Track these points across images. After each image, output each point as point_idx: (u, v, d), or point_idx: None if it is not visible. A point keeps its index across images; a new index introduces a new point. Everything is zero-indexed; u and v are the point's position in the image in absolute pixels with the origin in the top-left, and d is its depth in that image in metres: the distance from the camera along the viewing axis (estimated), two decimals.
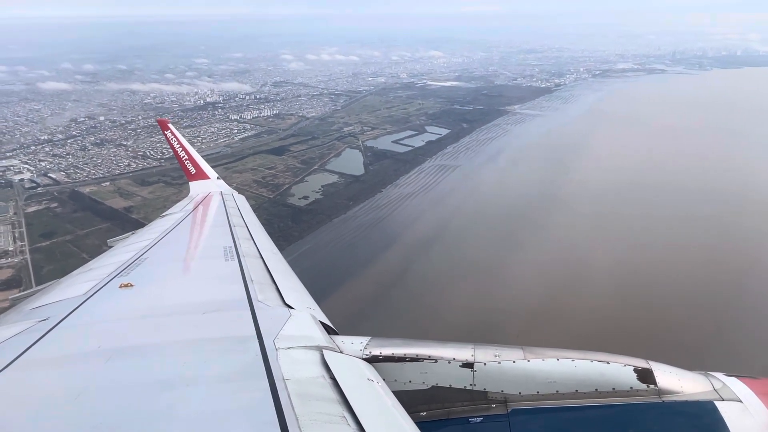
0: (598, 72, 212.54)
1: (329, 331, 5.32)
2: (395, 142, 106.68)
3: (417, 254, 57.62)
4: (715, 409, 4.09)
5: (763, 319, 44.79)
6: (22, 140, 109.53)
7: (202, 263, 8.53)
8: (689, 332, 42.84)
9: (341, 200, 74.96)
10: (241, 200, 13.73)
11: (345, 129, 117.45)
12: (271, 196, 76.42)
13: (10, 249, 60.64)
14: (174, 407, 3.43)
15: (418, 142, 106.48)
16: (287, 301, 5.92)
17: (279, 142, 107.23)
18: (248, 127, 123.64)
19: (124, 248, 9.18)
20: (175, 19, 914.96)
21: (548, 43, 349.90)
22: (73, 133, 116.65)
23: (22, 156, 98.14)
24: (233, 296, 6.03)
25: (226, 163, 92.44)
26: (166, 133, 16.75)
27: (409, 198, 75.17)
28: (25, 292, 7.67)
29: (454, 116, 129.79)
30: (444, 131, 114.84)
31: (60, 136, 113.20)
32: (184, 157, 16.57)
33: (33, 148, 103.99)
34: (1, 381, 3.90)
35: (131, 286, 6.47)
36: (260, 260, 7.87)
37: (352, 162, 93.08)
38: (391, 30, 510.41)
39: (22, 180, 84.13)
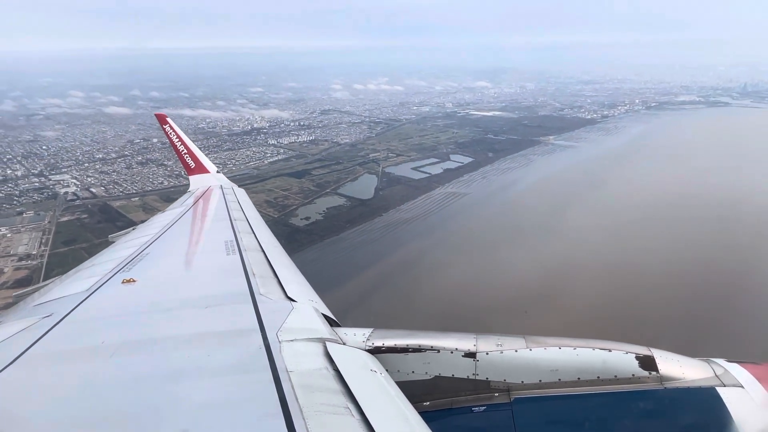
0: (654, 104, 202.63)
1: (332, 323, 5.37)
2: (414, 168, 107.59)
3: (393, 277, 57.81)
4: (717, 395, 4.11)
5: None
6: (80, 158, 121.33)
7: (203, 257, 8.61)
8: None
9: (340, 222, 76.87)
10: (242, 194, 13.88)
11: (370, 155, 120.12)
12: (276, 216, 79.70)
13: (33, 252, 67.47)
14: (178, 400, 3.47)
15: (437, 169, 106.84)
16: (289, 294, 5.95)
17: (304, 166, 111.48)
18: (282, 151, 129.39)
19: (126, 243, 9.31)
20: (245, 51, 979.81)
21: (611, 74, 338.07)
22: (125, 153, 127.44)
23: (74, 171, 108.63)
24: (235, 290, 6.05)
25: (248, 184, 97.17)
26: (164, 127, 16.72)
27: (405, 223, 75.67)
28: (27, 289, 8.05)
29: (484, 145, 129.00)
30: (467, 159, 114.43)
31: (113, 155, 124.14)
32: (183, 151, 16.63)
33: (86, 165, 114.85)
34: (7, 377, 3.90)
35: (134, 281, 6.55)
36: (262, 254, 7.89)
37: (365, 186, 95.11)
38: (448, 60, 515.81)
39: (66, 193, 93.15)
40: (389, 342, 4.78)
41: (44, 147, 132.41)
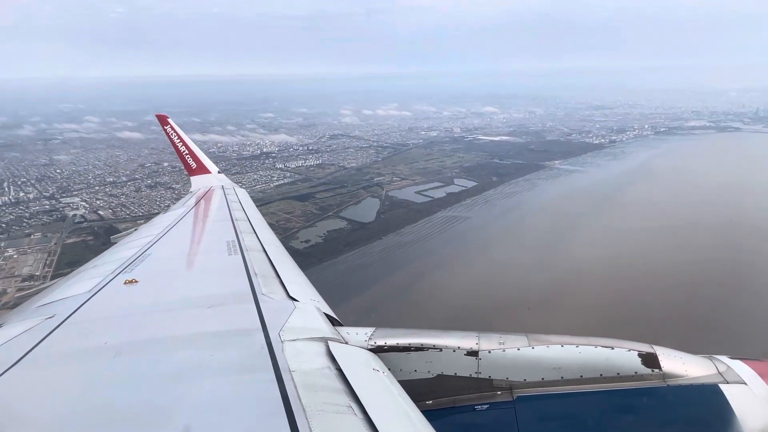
0: (663, 129, 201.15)
1: (334, 322, 5.39)
2: (418, 192, 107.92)
3: (386, 301, 57.67)
4: (720, 392, 4.11)
5: None
6: (92, 181, 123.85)
7: (205, 258, 8.65)
8: None
9: (339, 245, 77.15)
10: (243, 194, 13.98)
11: (375, 179, 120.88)
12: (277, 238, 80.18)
13: (37, 273, 68.55)
14: (182, 400, 3.47)
15: (441, 193, 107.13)
16: (291, 294, 5.99)
17: (308, 189, 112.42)
18: (288, 175, 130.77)
19: (128, 244, 9.32)
20: (258, 78, 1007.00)
21: (621, 100, 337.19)
22: (136, 176, 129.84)
23: (84, 194, 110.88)
24: (238, 290, 6.08)
25: None
26: (165, 128, 16.79)
27: (403, 246, 75.75)
28: (30, 291, 8.57)
29: (488, 170, 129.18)
30: (471, 184, 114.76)
31: (124, 179, 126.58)
32: (184, 151, 16.75)
33: (97, 188, 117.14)
34: (10, 378, 3.91)
35: (136, 281, 6.56)
36: (263, 254, 7.90)
37: (367, 210, 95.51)
38: (457, 86, 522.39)
39: (74, 215, 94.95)
40: (391, 341, 4.76)
41: (58, 170, 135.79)
